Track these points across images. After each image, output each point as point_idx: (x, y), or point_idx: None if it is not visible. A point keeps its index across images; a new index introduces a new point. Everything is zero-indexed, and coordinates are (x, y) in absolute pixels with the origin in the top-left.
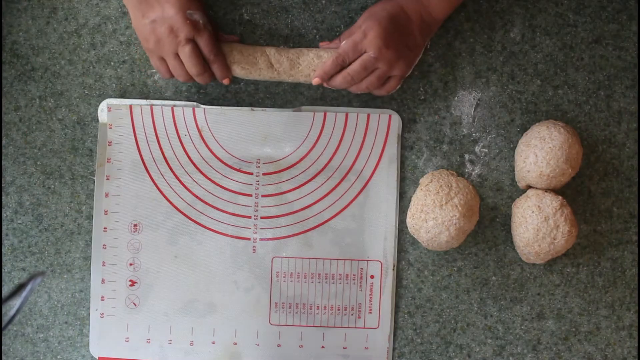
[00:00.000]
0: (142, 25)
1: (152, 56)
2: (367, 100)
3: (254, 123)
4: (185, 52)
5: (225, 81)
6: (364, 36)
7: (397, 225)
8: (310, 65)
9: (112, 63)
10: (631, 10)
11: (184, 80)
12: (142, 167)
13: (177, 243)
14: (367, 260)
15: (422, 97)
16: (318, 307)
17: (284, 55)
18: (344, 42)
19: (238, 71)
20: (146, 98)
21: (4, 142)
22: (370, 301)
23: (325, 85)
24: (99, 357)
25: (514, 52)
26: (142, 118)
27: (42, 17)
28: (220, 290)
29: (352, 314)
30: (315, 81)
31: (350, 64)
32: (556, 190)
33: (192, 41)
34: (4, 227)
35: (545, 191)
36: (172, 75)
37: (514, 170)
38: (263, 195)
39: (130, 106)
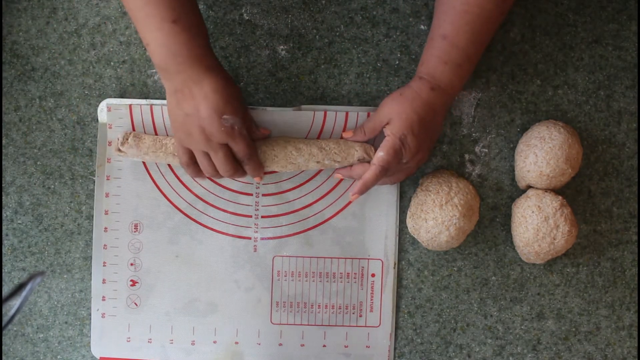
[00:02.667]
0: (175, 114)
1: (178, 144)
2: (367, 100)
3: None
4: (219, 157)
5: (257, 179)
6: (402, 142)
7: (398, 224)
8: (287, 157)
9: (112, 63)
10: (631, 10)
11: (210, 176)
12: (143, 167)
13: (178, 243)
14: (368, 259)
15: None
16: (319, 305)
17: (257, 147)
18: (382, 152)
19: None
20: (146, 98)
21: (4, 142)
22: (372, 300)
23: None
24: (100, 357)
25: (513, 52)
26: (142, 118)
27: (42, 17)
28: (221, 289)
29: (353, 313)
30: (354, 197)
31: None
32: (556, 190)
33: (225, 146)
34: (4, 227)
35: (545, 191)
36: (194, 167)
37: (514, 170)
38: (264, 195)
39: (130, 106)
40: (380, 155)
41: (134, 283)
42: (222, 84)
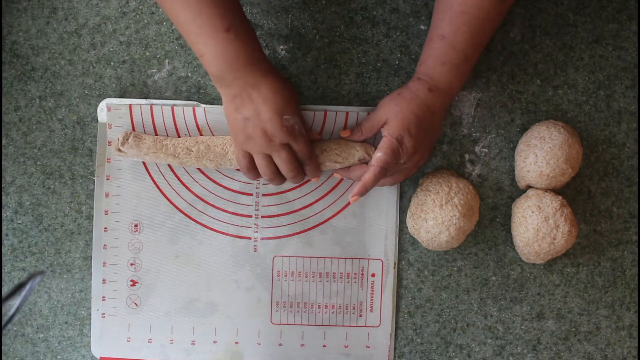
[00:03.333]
0: (234, 120)
1: (238, 149)
2: (367, 100)
3: None
4: (282, 157)
5: (315, 179)
6: (399, 143)
7: (398, 224)
8: None
9: (112, 63)
10: (631, 10)
11: (268, 180)
12: (142, 167)
13: (178, 243)
14: (368, 259)
15: None
16: (319, 305)
17: None
18: (380, 153)
19: (208, 164)
20: (146, 98)
21: (4, 142)
22: (372, 300)
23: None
24: (100, 357)
25: (513, 52)
26: (141, 118)
27: (42, 17)
28: (221, 289)
29: (353, 313)
30: (354, 199)
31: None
32: (556, 190)
33: (287, 146)
34: (4, 227)
35: (545, 191)
36: (254, 171)
37: (514, 170)
38: (264, 195)
39: (130, 106)
40: (378, 155)
41: (134, 283)
42: (280, 86)
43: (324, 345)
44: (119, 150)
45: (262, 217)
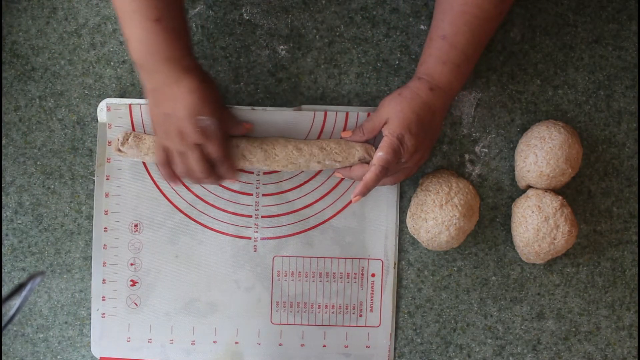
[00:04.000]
0: (155, 114)
1: (157, 142)
2: (367, 100)
3: (254, 122)
4: (194, 157)
5: (232, 181)
6: (400, 142)
7: (398, 224)
8: (288, 157)
9: (112, 63)
10: (631, 10)
11: (182, 177)
12: (142, 167)
13: (178, 243)
14: (368, 259)
15: None
16: (319, 305)
17: (257, 146)
18: (381, 152)
19: None
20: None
21: (4, 142)
22: (372, 300)
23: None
24: (100, 357)
25: (513, 52)
26: (141, 117)
27: (42, 17)
28: (221, 289)
29: (353, 313)
30: (356, 199)
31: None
32: (556, 190)
33: (200, 147)
34: (4, 227)
35: (545, 191)
36: (168, 167)
37: (514, 170)
38: (264, 195)
39: (130, 105)
40: (379, 155)
41: (134, 283)
42: (200, 86)
43: (324, 345)
44: (119, 150)
45: (262, 217)
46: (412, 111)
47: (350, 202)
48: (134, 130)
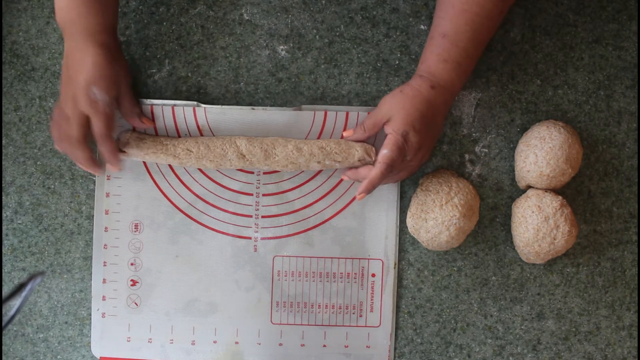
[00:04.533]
0: (63, 75)
1: (56, 104)
2: (367, 100)
3: (254, 122)
4: (75, 122)
5: (114, 169)
6: (404, 139)
7: (398, 224)
8: (288, 157)
9: None
10: (631, 10)
11: (56, 139)
12: (143, 167)
13: (178, 242)
14: (368, 259)
15: None
16: (319, 305)
17: (257, 146)
18: (386, 150)
19: (208, 165)
20: (146, 98)
21: (4, 142)
22: (372, 300)
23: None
24: (100, 357)
25: (514, 52)
26: None
27: (42, 17)
28: (221, 289)
29: (353, 313)
30: (360, 197)
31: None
32: (556, 190)
33: (84, 117)
34: (4, 227)
35: (545, 191)
36: (55, 126)
37: (514, 170)
38: (264, 194)
39: None
40: (384, 152)
41: (134, 283)
42: (105, 62)
43: (324, 345)
44: (120, 150)
45: (263, 217)
46: (415, 108)
47: (351, 202)
48: (134, 130)
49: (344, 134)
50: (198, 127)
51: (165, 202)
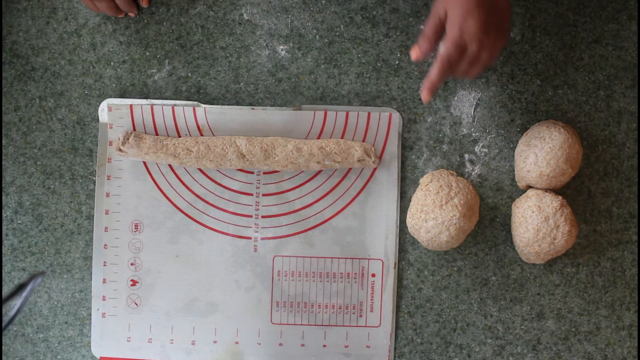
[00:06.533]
0: None
1: None
2: (367, 100)
3: (254, 122)
4: None
5: (131, 13)
6: (462, 31)
7: (398, 224)
8: (288, 157)
9: (112, 63)
10: (631, 10)
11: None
12: (143, 167)
13: (178, 242)
14: (368, 259)
15: None
16: (319, 305)
17: (257, 146)
18: (442, 46)
19: (208, 164)
20: (146, 98)
21: (4, 142)
22: (372, 300)
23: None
24: (100, 357)
25: (514, 52)
26: (142, 118)
27: (42, 17)
28: (221, 289)
29: (353, 313)
30: (424, 97)
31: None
32: (556, 190)
33: None
34: (4, 227)
35: (545, 191)
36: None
37: (514, 170)
38: (264, 194)
39: (131, 106)
40: (440, 50)
41: (134, 283)
42: None
43: (324, 345)
44: (120, 150)
45: (263, 217)
46: None
47: (351, 202)
48: (134, 130)
49: (412, 53)
50: (198, 127)
51: (165, 202)
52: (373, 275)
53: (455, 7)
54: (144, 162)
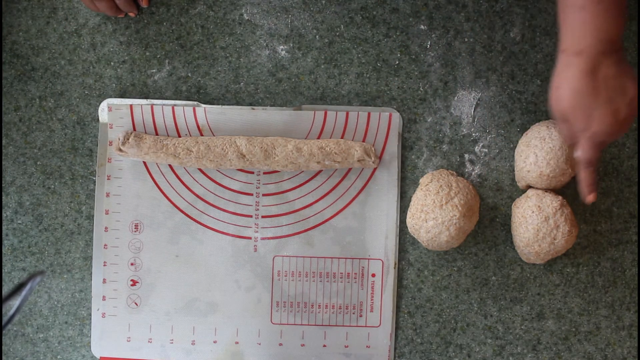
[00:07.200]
0: None
1: None
2: (367, 100)
3: (254, 122)
4: None
5: (131, 13)
6: (593, 134)
7: (398, 224)
8: (288, 157)
9: (112, 63)
10: (631, 10)
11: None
12: (143, 167)
13: (178, 242)
14: (368, 259)
15: (422, 97)
16: (319, 305)
17: (257, 146)
18: (580, 150)
19: (208, 164)
20: (146, 98)
21: (4, 142)
22: (372, 300)
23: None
24: (100, 357)
25: (514, 52)
26: (142, 118)
27: (42, 17)
28: (221, 289)
29: (353, 313)
30: (591, 198)
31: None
32: (556, 190)
33: None
34: (4, 227)
35: (545, 191)
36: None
37: (514, 170)
38: (264, 194)
39: (131, 106)
40: (578, 154)
41: (134, 283)
42: None
43: (324, 345)
44: (120, 150)
45: (263, 217)
46: (558, 95)
47: (351, 202)
48: (134, 130)
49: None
50: (198, 127)
51: (165, 202)
52: (373, 275)
53: (576, 107)
54: (144, 162)
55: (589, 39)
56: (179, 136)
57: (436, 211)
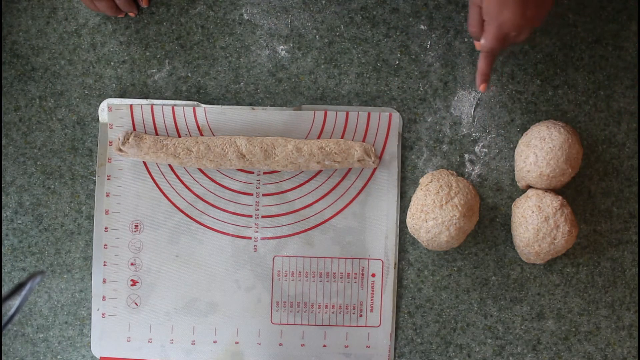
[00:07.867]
0: None
1: None
2: (367, 100)
3: (254, 122)
4: None
5: (131, 13)
6: (500, 26)
7: (398, 224)
8: (288, 157)
9: (112, 63)
10: (631, 10)
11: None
12: (143, 167)
13: (178, 242)
14: (368, 259)
15: (422, 97)
16: (319, 305)
17: (257, 146)
18: (483, 39)
19: (208, 164)
20: (146, 98)
21: (4, 142)
22: (372, 300)
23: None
24: (100, 357)
25: (514, 52)
26: (142, 118)
27: (42, 17)
28: (221, 289)
29: (353, 313)
30: (483, 88)
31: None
32: (556, 190)
33: None
34: (4, 227)
35: (545, 191)
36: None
37: (514, 170)
38: (264, 194)
39: (131, 106)
40: (482, 43)
41: (134, 283)
42: None
43: (324, 345)
44: (120, 150)
45: (263, 217)
46: None
47: (351, 202)
48: (134, 130)
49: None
50: (198, 127)
51: (165, 202)
52: (373, 275)
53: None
54: (144, 162)
55: None
56: (179, 136)
57: (436, 211)
